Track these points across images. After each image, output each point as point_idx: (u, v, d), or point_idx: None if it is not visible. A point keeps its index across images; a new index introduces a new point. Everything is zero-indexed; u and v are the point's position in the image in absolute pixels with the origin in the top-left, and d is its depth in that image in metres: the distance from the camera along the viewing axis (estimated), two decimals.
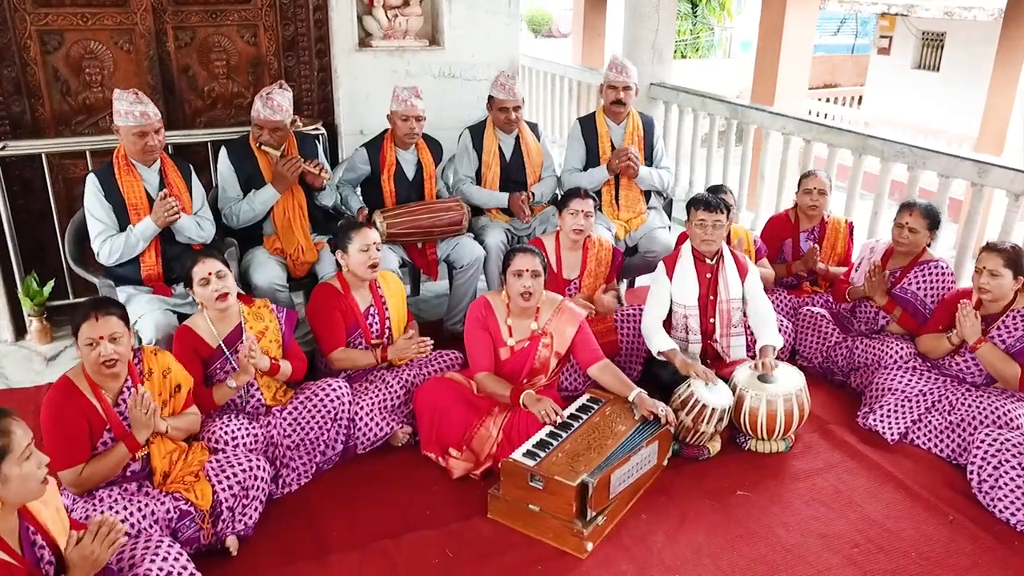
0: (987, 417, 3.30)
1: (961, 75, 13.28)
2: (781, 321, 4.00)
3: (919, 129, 11.99)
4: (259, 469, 2.94)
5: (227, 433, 3.04)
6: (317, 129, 4.56)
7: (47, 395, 2.73)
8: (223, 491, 2.82)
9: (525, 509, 2.92)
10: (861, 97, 15.78)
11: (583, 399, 3.42)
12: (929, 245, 3.98)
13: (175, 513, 2.72)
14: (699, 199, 3.67)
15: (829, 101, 15.08)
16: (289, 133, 3.93)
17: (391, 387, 3.51)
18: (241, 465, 2.90)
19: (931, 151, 4.76)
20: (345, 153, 4.68)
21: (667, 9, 6.83)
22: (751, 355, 3.77)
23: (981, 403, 3.36)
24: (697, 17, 17.47)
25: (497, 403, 3.37)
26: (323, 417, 3.26)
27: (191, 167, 3.78)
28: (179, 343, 3.19)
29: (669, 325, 3.73)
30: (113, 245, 3.46)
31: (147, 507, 2.68)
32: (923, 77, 14.38)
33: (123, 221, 3.50)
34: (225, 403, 3.25)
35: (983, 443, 3.14)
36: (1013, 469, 3.04)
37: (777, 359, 3.56)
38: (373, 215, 4.10)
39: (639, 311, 3.96)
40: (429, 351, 3.57)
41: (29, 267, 4.28)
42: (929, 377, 3.65)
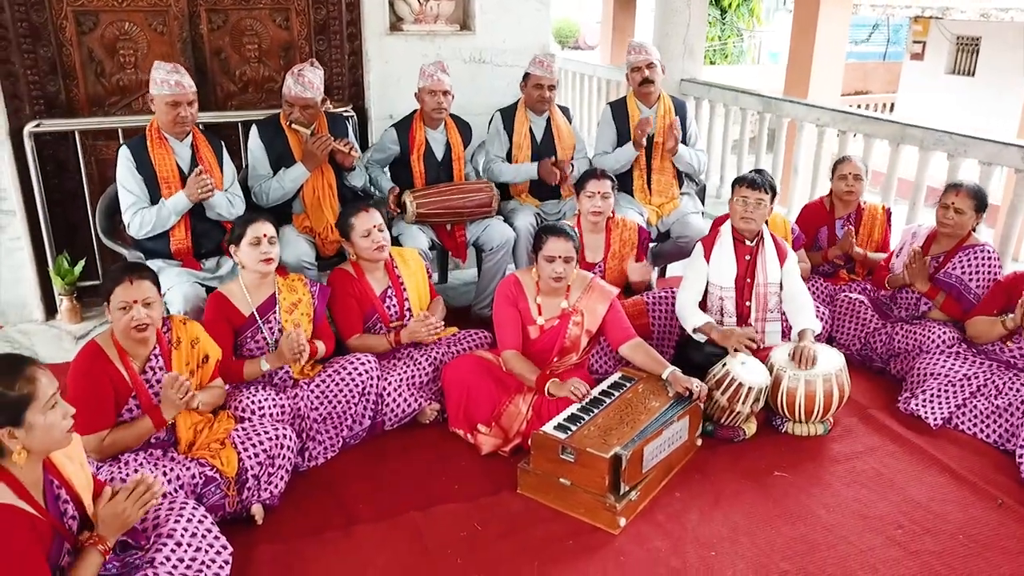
0: None
1: (997, 80, 13.04)
2: (818, 308, 3.89)
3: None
4: (286, 438, 2.90)
5: (254, 403, 3.01)
6: (347, 112, 4.55)
7: (74, 359, 2.71)
8: (249, 459, 2.78)
9: (556, 483, 2.85)
10: (893, 104, 15.55)
11: (614, 377, 3.34)
12: (974, 229, 3.86)
13: (200, 479, 2.68)
14: (744, 176, 3.59)
15: (861, 107, 14.87)
16: (320, 112, 3.91)
17: (419, 364, 3.46)
18: (268, 433, 2.86)
19: (974, 138, 4.62)
20: (374, 137, 4.66)
21: (698, 5, 6.76)
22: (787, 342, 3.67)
23: None
24: (726, 24, 17.35)
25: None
26: (351, 391, 3.21)
27: (222, 144, 3.78)
28: (211, 309, 3.17)
29: (704, 307, 3.64)
30: (144, 218, 3.46)
31: (172, 471, 2.65)
32: (957, 82, 14.14)
33: (154, 194, 3.50)
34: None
35: None
36: None
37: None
38: (403, 195, 4.07)
39: (671, 294, 3.88)
40: (441, 333, 3.49)
41: (60, 248, 4.30)
42: (974, 361, 3.52)
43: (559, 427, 2.92)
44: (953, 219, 3.76)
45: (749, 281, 3.62)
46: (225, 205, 3.63)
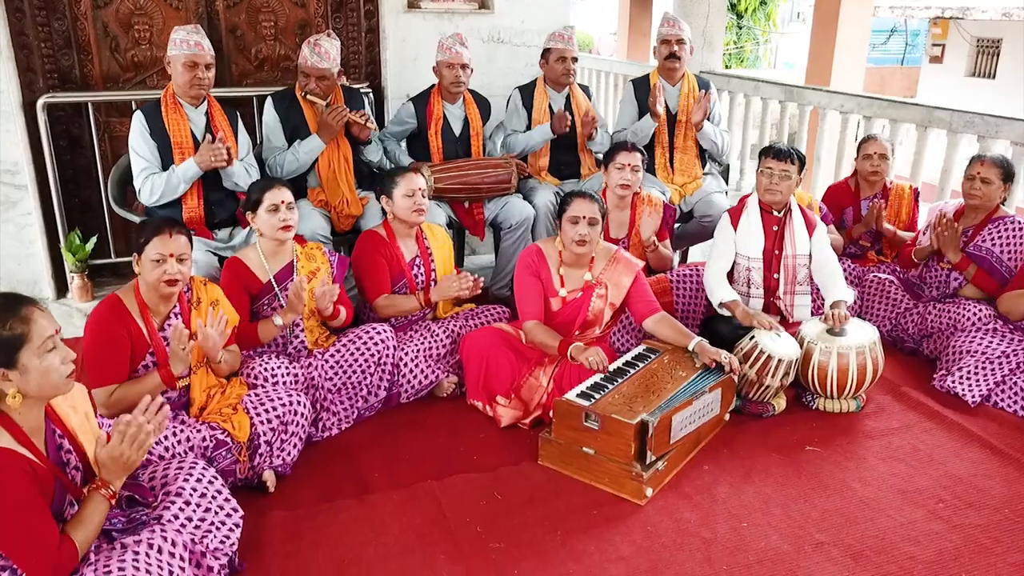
0: None
1: (1019, 82, 12.87)
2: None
3: None
4: (299, 405, 2.80)
5: (266, 370, 2.92)
6: (364, 90, 4.47)
7: (93, 311, 2.63)
8: (261, 424, 2.69)
9: (579, 452, 2.73)
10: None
11: (638, 349, 3.23)
12: (1004, 201, 3.73)
13: (211, 442, 2.59)
14: (769, 146, 3.48)
15: None
16: (336, 84, 3.84)
17: (437, 336, 3.36)
18: (281, 400, 2.77)
19: (1006, 118, 4.49)
20: (391, 116, 4.59)
21: None
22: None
23: None
24: (742, 28, 17.27)
25: (547, 354, 3.20)
26: (366, 361, 3.11)
27: (237, 114, 3.71)
28: (228, 275, 3.09)
29: (731, 279, 3.53)
30: (155, 183, 3.38)
31: (182, 433, 2.56)
32: (978, 85, 13.98)
33: (167, 160, 3.43)
34: (267, 343, 3.13)
35: None
36: None
37: None
38: (421, 170, 3.97)
39: (696, 271, 3.77)
40: (471, 289, 3.38)
41: (72, 226, 4.23)
42: (1012, 338, 3.39)
43: (582, 395, 2.81)
44: (980, 190, 3.63)
45: (777, 253, 3.50)
46: (243, 175, 3.56)
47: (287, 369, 2.97)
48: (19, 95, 3.96)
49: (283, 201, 3.08)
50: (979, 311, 3.54)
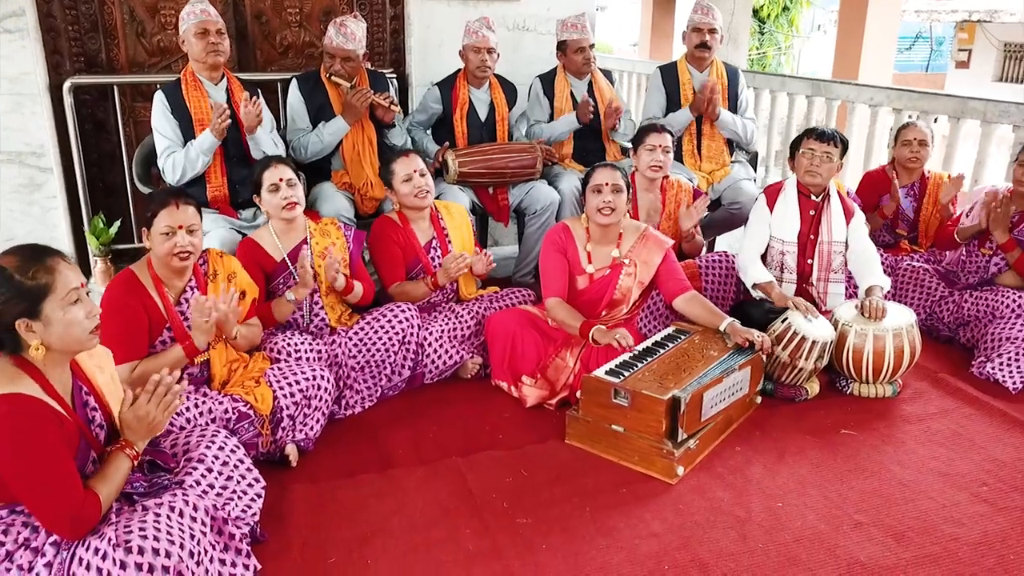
0: None
1: None
2: None
3: None
4: (323, 379, 2.75)
5: (290, 345, 2.88)
6: (390, 74, 4.44)
7: (107, 287, 2.61)
8: (284, 397, 2.64)
9: (608, 430, 2.66)
10: (936, 117, 15.23)
11: (668, 330, 3.15)
12: None
13: (233, 414, 2.54)
14: (813, 127, 3.40)
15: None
16: (360, 66, 3.81)
17: (461, 317, 3.30)
18: (304, 374, 2.72)
19: None
20: (415, 103, 4.56)
21: None
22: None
23: None
24: (764, 35, 17.18)
25: (573, 335, 3.13)
26: (390, 339, 3.06)
27: (258, 90, 3.68)
28: (243, 255, 3.05)
29: (764, 262, 3.45)
30: (176, 160, 3.35)
31: (204, 404, 2.51)
32: (1005, 90, 13.79)
33: (188, 138, 3.39)
34: (288, 322, 3.10)
35: None
36: None
37: None
38: (445, 154, 3.94)
39: (725, 257, 3.69)
40: (484, 265, 3.36)
41: (96, 210, 4.22)
42: None
43: (611, 372, 2.74)
44: None
45: (812, 238, 3.42)
46: (269, 143, 3.52)
47: (310, 345, 2.93)
48: (46, 77, 3.96)
49: (282, 179, 3.02)
50: (1018, 298, 3.44)
